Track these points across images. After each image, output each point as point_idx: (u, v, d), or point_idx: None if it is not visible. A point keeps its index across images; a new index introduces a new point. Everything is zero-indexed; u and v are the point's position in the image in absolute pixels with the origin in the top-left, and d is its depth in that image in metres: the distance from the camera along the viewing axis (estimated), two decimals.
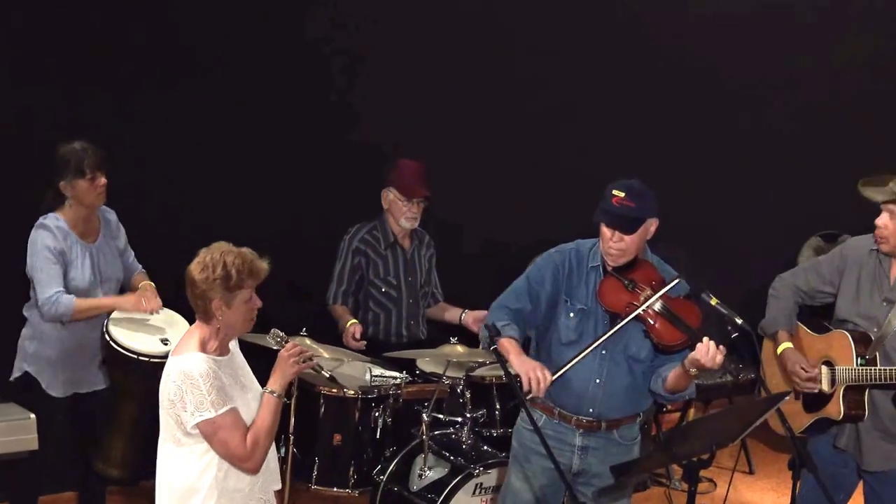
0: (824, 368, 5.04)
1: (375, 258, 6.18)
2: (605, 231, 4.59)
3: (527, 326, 4.72)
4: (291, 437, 5.41)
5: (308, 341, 5.58)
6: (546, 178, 7.36)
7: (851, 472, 5.11)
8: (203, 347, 4.08)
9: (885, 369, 4.82)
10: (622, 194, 4.54)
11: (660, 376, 4.63)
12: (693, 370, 4.42)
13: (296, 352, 4.23)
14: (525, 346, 4.70)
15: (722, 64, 7.91)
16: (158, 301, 5.34)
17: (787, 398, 4.77)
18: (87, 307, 5.23)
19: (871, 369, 4.86)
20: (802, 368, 5.06)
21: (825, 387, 5.01)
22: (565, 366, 4.57)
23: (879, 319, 4.92)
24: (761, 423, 4.35)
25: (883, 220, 4.90)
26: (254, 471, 4.12)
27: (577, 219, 4.83)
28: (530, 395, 4.50)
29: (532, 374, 4.46)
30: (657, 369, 4.65)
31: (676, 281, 4.60)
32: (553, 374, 4.51)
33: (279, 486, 4.41)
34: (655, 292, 4.57)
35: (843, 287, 5.07)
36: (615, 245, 4.59)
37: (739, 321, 4.42)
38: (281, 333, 4.45)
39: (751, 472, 7.33)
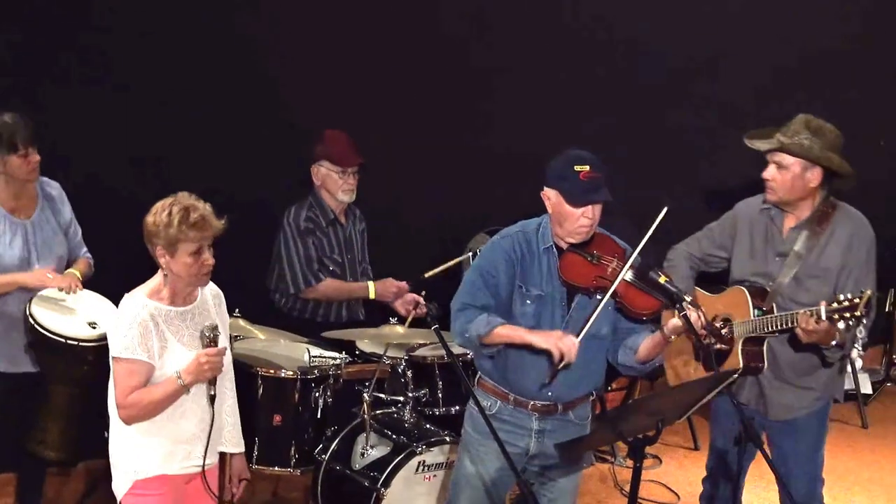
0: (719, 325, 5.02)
1: (321, 237, 6.09)
2: (578, 210, 4.40)
3: None
4: None
5: (242, 322, 5.54)
6: (478, 157, 7.33)
7: (757, 425, 5.08)
8: (154, 294, 4.13)
9: (780, 315, 4.82)
10: (587, 167, 4.35)
11: (630, 349, 4.53)
12: (673, 337, 4.37)
13: (215, 360, 4.14)
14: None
15: (648, 40, 7.87)
16: (68, 281, 5.07)
17: (735, 377, 4.73)
18: None
19: (767, 318, 4.87)
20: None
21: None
22: (584, 328, 4.39)
23: (773, 274, 4.96)
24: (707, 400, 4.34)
25: (770, 172, 4.93)
26: (124, 420, 4.11)
27: (508, 197, 4.74)
28: (563, 364, 4.36)
29: (559, 344, 4.35)
30: (622, 342, 4.57)
31: (641, 247, 4.43)
32: (577, 335, 4.37)
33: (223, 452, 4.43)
34: (621, 262, 4.45)
35: (736, 249, 5.10)
36: (591, 220, 4.43)
37: (688, 299, 4.36)
38: (214, 330, 4.21)
39: (695, 448, 7.35)
